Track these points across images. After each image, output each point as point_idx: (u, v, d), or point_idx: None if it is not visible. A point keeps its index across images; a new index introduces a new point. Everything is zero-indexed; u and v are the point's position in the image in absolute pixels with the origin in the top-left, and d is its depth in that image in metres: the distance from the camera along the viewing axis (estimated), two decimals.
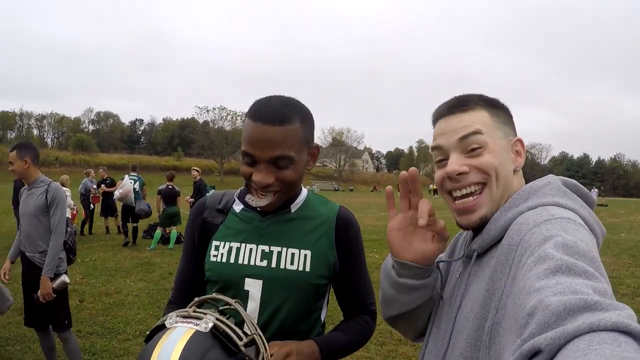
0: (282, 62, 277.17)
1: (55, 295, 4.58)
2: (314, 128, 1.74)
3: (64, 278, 4.70)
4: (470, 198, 1.29)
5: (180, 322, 1.36)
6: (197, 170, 14.97)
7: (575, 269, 0.88)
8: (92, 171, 17.46)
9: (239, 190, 1.91)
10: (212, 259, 1.77)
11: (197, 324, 1.34)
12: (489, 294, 1.15)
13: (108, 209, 16.35)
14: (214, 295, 1.57)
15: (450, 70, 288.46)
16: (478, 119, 1.31)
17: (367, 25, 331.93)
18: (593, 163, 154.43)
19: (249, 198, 1.68)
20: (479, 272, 1.27)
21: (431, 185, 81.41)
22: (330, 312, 1.94)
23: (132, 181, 14.46)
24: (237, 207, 1.85)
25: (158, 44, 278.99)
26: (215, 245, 1.78)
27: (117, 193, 14.44)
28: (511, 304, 1.00)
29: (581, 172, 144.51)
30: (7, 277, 4.91)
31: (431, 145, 1.40)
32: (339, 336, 1.80)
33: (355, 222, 1.88)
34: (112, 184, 16.09)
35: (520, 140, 1.36)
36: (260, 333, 1.48)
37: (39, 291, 4.51)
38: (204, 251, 1.82)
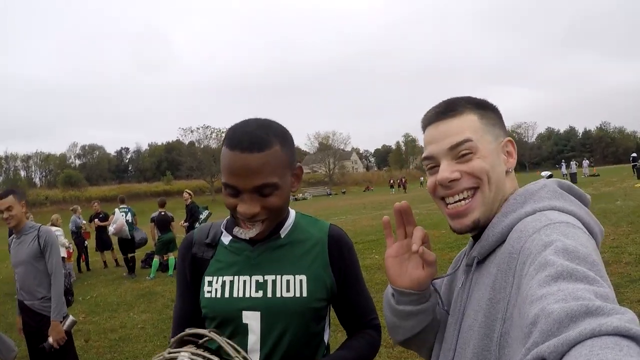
0: (262, 72, 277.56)
1: (66, 338, 4.55)
2: (294, 148, 1.68)
3: (72, 317, 4.68)
4: (463, 202, 1.28)
5: None
6: (188, 193, 14.82)
7: (576, 275, 0.88)
8: (79, 207, 17.24)
9: (225, 221, 1.84)
10: (207, 295, 1.71)
11: None
12: (492, 303, 1.14)
13: (103, 243, 16.27)
14: (188, 330, 1.51)
15: (431, 61, 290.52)
16: (467, 124, 1.29)
17: (344, 24, 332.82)
18: (580, 135, 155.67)
19: (237, 231, 1.63)
20: (479, 279, 1.26)
21: (422, 178, 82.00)
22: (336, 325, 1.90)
23: (124, 214, 14.44)
24: (226, 239, 1.79)
25: (135, 69, 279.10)
26: (208, 281, 1.73)
27: (111, 229, 14.39)
28: (517, 313, 0.99)
29: (569, 145, 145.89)
30: (22, 334, 4.87)
31: (422, 156, 1.39)
32: (343, 354, 1.74)
33: (348, 239, 1.83)
34: (106, 218, 16.03)
35: (510, 141, 1.34)
36: (245, 355, 1.42)
37: (52, 337, 4.46)
38: (197, 287, 1.77)
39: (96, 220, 16.03)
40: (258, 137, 1.50)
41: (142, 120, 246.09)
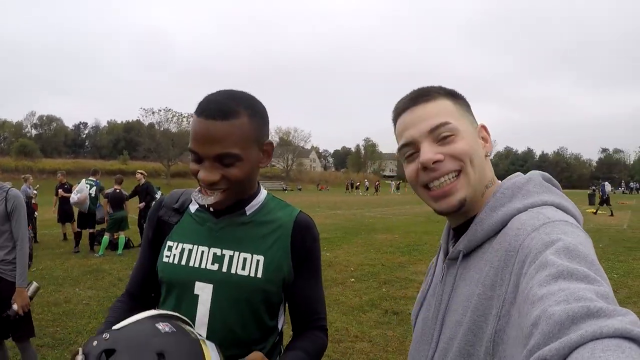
0: (227, 60, 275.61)
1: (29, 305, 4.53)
2: (267, 123, 1.68)
3: (35, 283, 4.63)
4: (448, 181, 1.24)
5: None
6: (141, 174, 14.56)
7: (576, 274, 0.88)
8: (31, 177, 16.72)
9: (197, 190, 1.82)
10: (165, 259, 1.74)
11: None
12: (482, 299, 1.12)
13: (65, 214, 15.66)
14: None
15: (399, 67, 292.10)
16: (443, 108, 1.28)
17: (316, 22, 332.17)
18: (537, 157, 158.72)
19: (195, 195, 1.64)
20: (465, 274, 1.24)
21: (377, 182, 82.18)
22: None
23: (89, 186, 14.05)
24: (193, 207, 1.81)
25: (101, 41, 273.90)
26: (169, 246, 1.75)
27: (74, 197, 13.75)
28: (516, 312, 0.99)
29: (526, 165, 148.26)
30: None
31: (400, 144, 1.34)
32: (300, 356, 1.68)
33: (314, 230, 1.82)
34: (70, 189, 15.66)
35: (484, 127, 1.35)
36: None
37: (17, 303, 4.39)
38: (158, 250, 1.79)
39: (60, 190, 15.40)
40: (225, 105, 1.52)
41: (102, 96, 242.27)
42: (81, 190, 13.69)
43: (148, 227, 1.87)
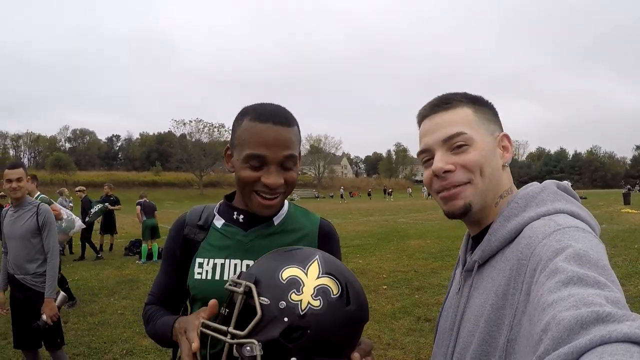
0: (258, 68, 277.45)
1: (59, 315, 4.63)
2: None
3: (62, 293, 4.76)
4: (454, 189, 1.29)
5: None
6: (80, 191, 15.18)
7: (586, 280, 0.88)
8: (66, 189, 16.66)
9: (217, 205, 1.88)
10: (197, 276, 1.73)
11: None
12: (495, 309, 1.14)
13: (109, 226, 16.16)
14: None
15: (433, 67, 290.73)
16: (461, 117, 1.31)
17: (348, 22, 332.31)
18: (570, 157, 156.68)
19: (254, 199, 1.66)
20: (479, 284, 1.26)
21: (409, 189, 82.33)
22: None
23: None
24: (218, 222, 1.81)
25: (134, 54, 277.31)
26: (199, 263, 1.74)
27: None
28: (527, 320, 0.99)
29: (559, 166, 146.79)
30: (4, 310, 4.91)
31: (419, 149, 1.39)
32: None
33: (336, 234, 1.89)
34: (117, 201, 15.98)
35: (506, 136, 1.36)
36: None
37: (45, 314, 4.52)
38: (186, 268, 1.78)
39: (107, 204, 15.54)
40: (285, 114, 1.64)
41: (135, 108, 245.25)
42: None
43: (173, 246, 1.85)
